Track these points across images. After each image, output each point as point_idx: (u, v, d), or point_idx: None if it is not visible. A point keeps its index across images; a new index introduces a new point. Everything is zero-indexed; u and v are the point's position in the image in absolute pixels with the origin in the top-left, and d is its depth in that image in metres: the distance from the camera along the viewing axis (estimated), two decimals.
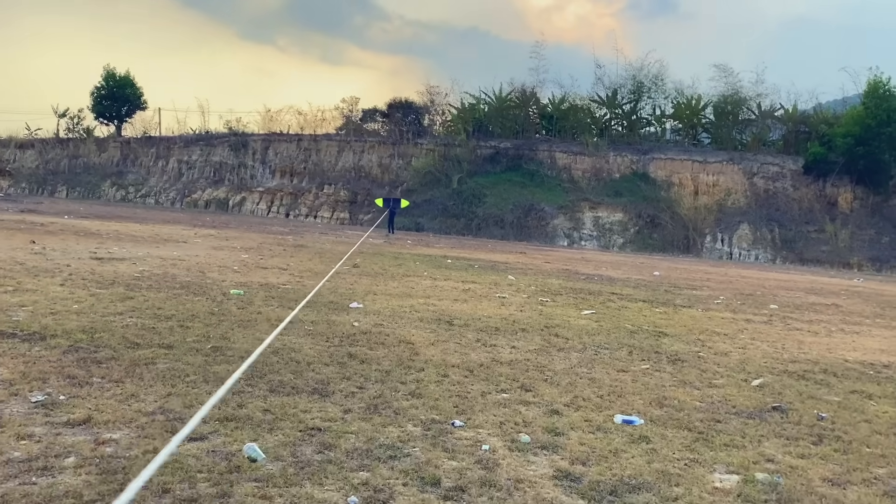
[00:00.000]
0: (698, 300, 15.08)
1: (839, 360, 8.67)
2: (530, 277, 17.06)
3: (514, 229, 45.08)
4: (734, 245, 44.66)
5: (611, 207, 46.54)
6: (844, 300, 18.57)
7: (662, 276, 21.84)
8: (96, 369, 5.24)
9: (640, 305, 12.97)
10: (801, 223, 45.86)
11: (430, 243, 30.94)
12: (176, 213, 40.96)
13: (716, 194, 47.16)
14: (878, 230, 45.41)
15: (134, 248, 15.70)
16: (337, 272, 14.47)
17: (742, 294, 17.61)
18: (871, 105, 45.28)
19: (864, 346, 10.14)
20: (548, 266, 22.00)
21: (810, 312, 14.55)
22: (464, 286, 13.75)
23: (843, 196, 46.53)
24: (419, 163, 49.93)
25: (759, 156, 49.23)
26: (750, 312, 13.47)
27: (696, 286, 19.00)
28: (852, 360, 8.75)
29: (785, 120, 52.35)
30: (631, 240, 45.23)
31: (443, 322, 9.01)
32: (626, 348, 8.21)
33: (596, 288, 15.75)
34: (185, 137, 58.63)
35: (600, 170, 49.54)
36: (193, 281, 10.90)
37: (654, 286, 17.78)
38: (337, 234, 33.23)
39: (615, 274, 21.13)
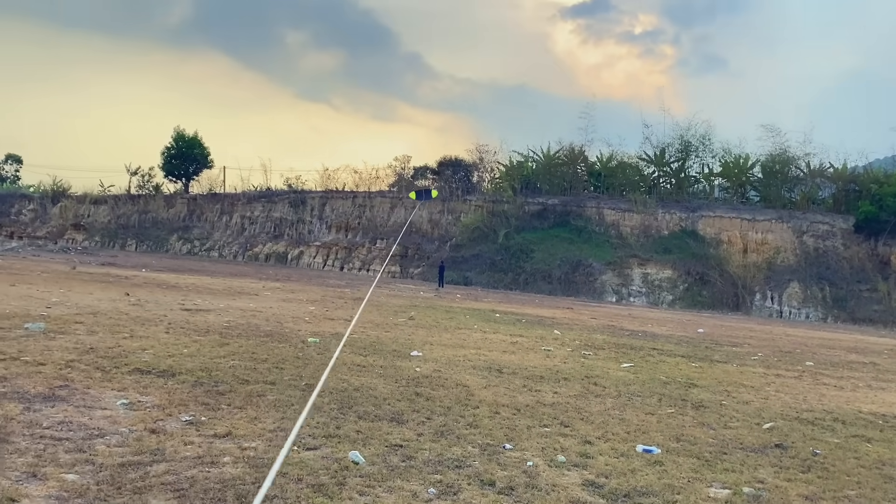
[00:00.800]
0: (736, 356, 15.93)
1: (853, 411, 9.57)
2: (575, 332, 18.15)
3: (562, 285, 46.03)
4: (784, 303, 44.69)
5: (659, 264, 47.17)
6: (885, 359, 19.06)
7: (706, 334, 22.59)
8: (222, 399, 6.65)
9: (678, 360, 13.95)
10: (853, 282, 45.66)
11: (479, 297, 32.22)
12: (240, 267, 43.23)
13: (765, 252, 47.43)
14: None
15: (214, 300, 17.40)
16: (395, 324, 15.86)
17: (781, 351, 18.32)
18: None
19: (884, 401, 10.96)
20: (593, 322, 23.00)
21: (844, 370, 15.25)
22: (512, 339, 14.95)
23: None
24: (468, 219, 51.61)
25: (809, 214, 49.44)
26: (783, 368, 14.29)
27: (737, 343, 19.76)
28: (865, 412, 9.64)
29: (835, 178, 52.54)
30: (680, 297, 45.66)
31: (493, 370, 10.24)
32: (656, 396, 9.29)
33: (638, 343, 16.74)
34: (247, 194, 61.73)
35: (649, 227, 50.36)
36: (274, 330, 12.40)
37: (695, 343, 18.64)
38: (390, 287, 34.79)
39: (659, 330, 22.00)
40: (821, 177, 53.08)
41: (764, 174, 53.30)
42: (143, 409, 6.06)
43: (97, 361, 7.93)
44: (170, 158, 63.22)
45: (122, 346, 9.17)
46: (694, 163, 55.08)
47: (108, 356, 8.34)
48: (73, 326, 10.61)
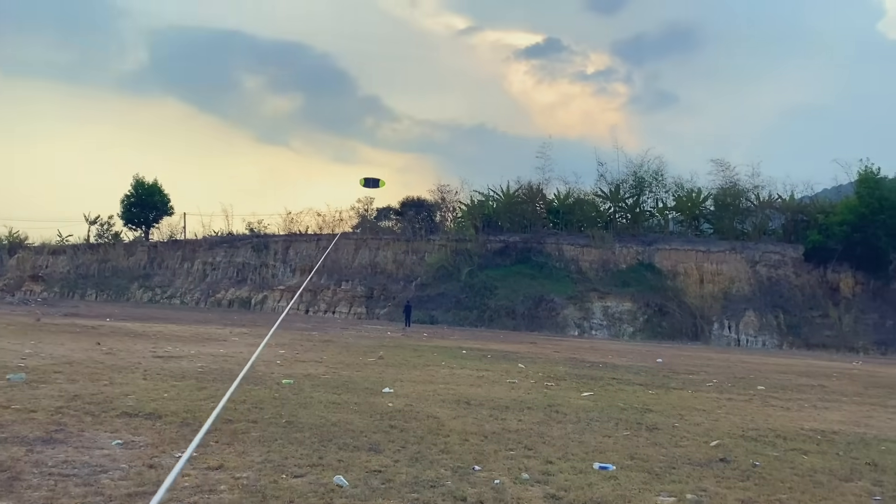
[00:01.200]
0: (692, 383, 16.73)
1: (795, 428, 10.34)
2: (539, 365, 18.81)
3: (526, 320, 46.83)
4: (741, 332, 46.06)
5: (619, 297, 48.31)
6: (832, 381, 20.06)
7: (665, 363, 23.42)
8: (210, 436, 7.09)
9: (636, 388, 14.67)
10: (805, 309, 47.32)
11: (445, 335, 32.76)
12: (203, 313, 43.11)
13: (720, 282, 48.95)
14: (881, 314, 46.73)
15: (184, 347, 17.68)
16: (366, 363, 16.34)
17: (735, 377, 19.20)
18: (863, 194, 47.56)
19: (825, 419, 11.78)
20: (556, 355, 23.71)
21: (793, 392, 16.13)
22: (478, 373, 15.54)
23: (845, 281, 48.10)
24: (432, 258, 52.32)
25: (761, 244, 51.27)
26: (735, 393, 15.11)
27: (694, 371, 20.60)
28: (807, 428, 10.42)
29: (783, 209, 54.70)
30: (640, 328, 46.74)
31: (462, 402, 10.81)
32: (613, 421, 9.95)
33: (599, 374, 17.44)
34: (209, 240, 61.69)
35: (607, 261, 51.62)
36: (248, 374, 12.78)
37: (653, 372, 19.42)
38: (357, 328, 35.13)
39: (619, 361, 22.77)
40: (770, 208, 55.22)
41: (716, 207, 55.22)
42: (137, 448, 6.50)
43: (85, 407, 8.31)
44: (129, 206, 62.98)
45: (105, 393, 9.54)
46: (648, 198, 56.89)
47: (94, 402, 8.72)
48: (52, 376, 10.91)
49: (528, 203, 57.25)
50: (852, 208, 47.37)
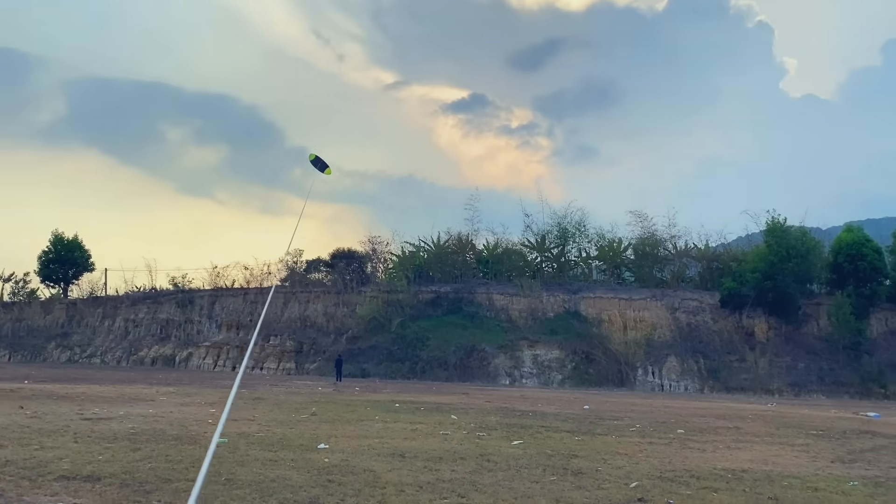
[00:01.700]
0: (616, 429, 17.43)
1: (709, 468, 11.07)
2: (471, 416, 19.22)
3: (458, 370, 47.20)
4: (664, 377, 47.61)
5: (548, 345, 49.33)
6: (747, 423, 21.14)
7: (591, 410, 24.17)
8: (151, 496, 7.25)
9: (563, 435, 15.25)
10: (724, 353, 49.36)
11: (378, 389, 32.81)
12: (126, 373, 41.82)
13: (643, 329, 50.65)
14: (793, 357, 49.18)
15: (112, 408, 17.34)
16: (299, 420, 16.41)
17: (657, 422, 20.04)
18: (772, 243, 50.45)
19: (737, 458, 12.60)
20: (488, 405, 24.16)
21: (710, 434, 17.02)
22: (412, 426, 15.84)
23: (759, 326, 50.51)
24: (363, 310, 52.34)
25: (679, 291, 53.48)
26: (656, 437, 15.86)
27: (618, 417, 21.37)
28: (720, 468, 11.17)
29: (699, 258, 57.36)
30: (569, 375, 47.75)
31: (397, 455, 11.13)
32: (542, 467, 10.46)
33: (528, 422, 17.98)
34: (131, 296, 60.04)
35: (536, 309, 52.76)
36: (181, 433, 12.77)
37: (580, 419, 20.09)
38: (287, 385, 34.77)
39: (548, 409, 23.39)
40: (687, 257, 57.80)
41: (636, 256, 57.46)
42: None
43: (20, 472, 8.29)
44: (47, 263, 60.88)
45: (38, 457, 9.46)
46: (573, 247, 58.81)
47: (27, 466, 8.68)
48: None
49: (459, 253, 58.24)
50: (763, 256, 50.13)
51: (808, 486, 9.89)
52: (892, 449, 15.30)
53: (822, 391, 45.24)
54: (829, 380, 46.48)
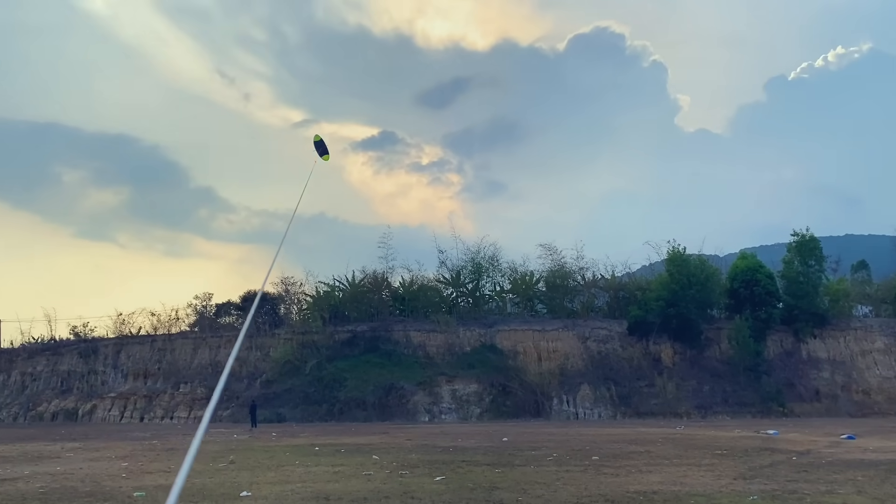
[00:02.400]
0: (534, 459, 17.89)
1: (622, 492, 11.62)
2: (393, 455, 19.28)
3: (377, 410, 46.85)
4: (578, 405, 48.74)
5: (465, 380, 49.68)
6: (658, 446, 22.07)
7: (510, 441, 24.62)
8: None
9: (484, 468, 15.57)
10: (633, 380, 51.01)
11: (295, 433, 32.25)
12: (25, 429, 39.50)
13: (556, 359, 51.80)
14: (698, 380, 51.33)
15: (15, 468, 16.48)
16: (217, 469, 16.08)
17: (573, 450, 20.66)
18: (673, 271, 52.88)
19: (649, 481, 13.24)
20: (409, 443, 24.24)
21: (623, 459, 17.71)
22: (334, 469, 15.79)
23: (665, 352, 52.54)
24: (277, 353, 51.34)
25: (590, 321, 55.09)
26: (573, 464, 16.41)
27: (536, 447, 21.88)
28: (632, 491, 11.74)
29: (607, 288, 59.36)
30: (487, 409, 48.20)
31: (321, 498, 11.15)
32: (464, 500, 10.73)
33: (450, 458, 18.21)
34: (28, 348, 56.90)
35: (452, 344, 53.13)
36: (95, 490, 12.34)
37: (500, 451, 20.47)
38: None
39: (469, 444, 23.69)
40: (595, 287, 59.69)
41: (548, 288, 58.93)
42: None
43: None
44: None
45: None
46: (487, 282, 59.74)
47: None
48: None
49: (374, 292, 58.13)
50: (665, 284, 52.41)
51: (713, 502, 10.55)
52: (789, 464, 16.37)
53: (726, 412, 47.38)
54: (732, 401, 48.75)
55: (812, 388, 49.70)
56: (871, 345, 52.39)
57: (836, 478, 13.47)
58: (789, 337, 52.53)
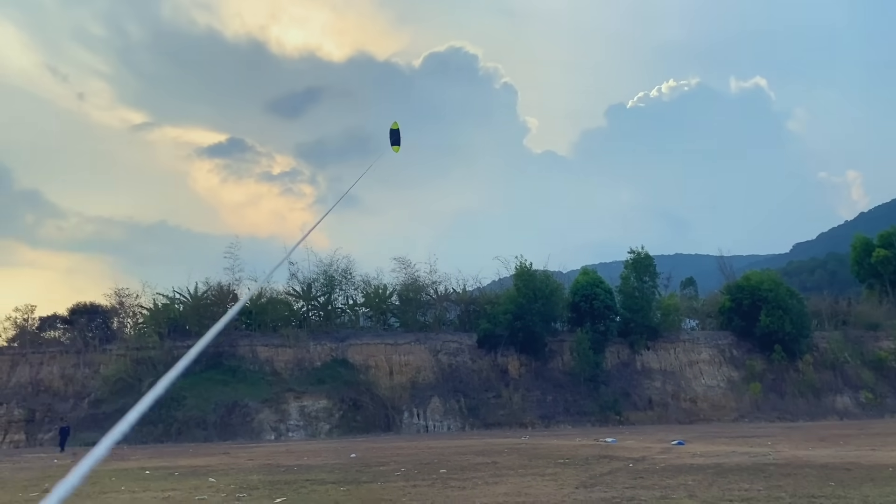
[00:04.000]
0: (382, 475, 17.44)
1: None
2: (231, 476, 18.12)
3: (218, 429, 44.53)
4: (428, 418, 48.90)
5: (315, 395, 48.42)
6: (504, 457, 22.31)
7: (358, 458, 24.01)
8: None
9: (328, 487, 14.92)
10: (482, 391, 51.95)
11: (125, 456, 29.83)
12: None
13: (408, 373, 51.76)
14: (542, 391, 53.12)
15: None
16: (27, 499, 14.33)
17: (421, 463, 20.41)
18: (521, 286, 54.55)
19: (494, 492, 13.19)
20: (250, 463, 22.99)
21: (470, 471, 17.66)
22: (164, 494, 14.52)
23: (512, 364, 53.98)
24: (108, 370, 47.63)
25: (441, 334, 55.58)
26: (420, 479, 16.11)
27: (385, 462, 21.44)
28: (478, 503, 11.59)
29: (458, 301, 60.23)
30: (337, 424, 47.18)
31: None
32: None
33: (293, 477, 17.35)
34: None
35: (302, 359, 51.67)
36: None
37: (347, 468, 19.84)
38: (14, 459, 30.41)
39: (315, 461, 22.83)
40: (447, 301, 60.41)
41: (401, 302, 58.89)
42: None
43: None
44: None
45: None
46: (339, 295, 58.75)
47: None
48: None
49: (219, 305, 55.37)
50: (513, 299, 53.96)
51: None
52: (626, 471, 16.98)
53: (568, 421, 49.30)
54: (573, 410, 50.83)
55: (645, 397, 52.84)
56: (698, 356, 56.58)
57: (670, 483, 14.06)
58: (625, 349, 55.62)
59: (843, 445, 24.14)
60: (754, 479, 14.29)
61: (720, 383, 55.29)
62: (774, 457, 19.70)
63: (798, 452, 21.38)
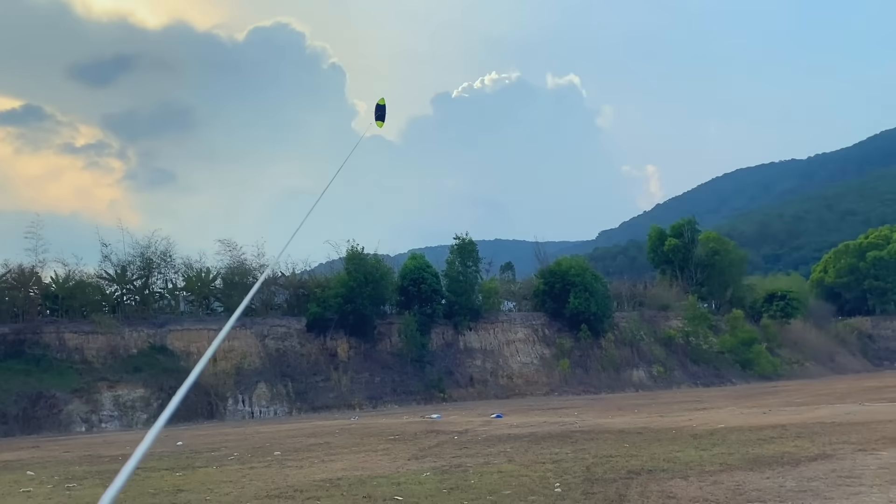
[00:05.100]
0: (215, 459, 17.55)
1: (309, 482, 12.13)
2: (51, 469, 17.36)
3: (20, 423, 41.19)
4: (254, 404, 48.30)
5: (130, 384, 46.11)
6: (336, 437, 23.04)
7: (186, 445, 23.64)
8: None
9: (163, 473, 14.88)
10: (310, 375, 52.08)
11: None
12: None
13: (233, 359, 50.64)
14: (371, 373, 54.20)
15: None
16: None
17: (254, 448, 20.64)
18: (351, 269, 55.08)
19: (332, 469, 13.95)
20: (68, 455, 21.97)
21: (305, 452, 18.23)
22: None
23: (341, 347, 54.49)
24: None
25: (269, 319, 54.82)
26: (256, 461, 16.47)
27: (215, 448, 21.40)
28: (318, 480, 12.31)
29: (287, 285, 59.56)
30: (154, 414, 45.24)
31: None
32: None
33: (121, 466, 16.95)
34: None
35: (116, 347, 48.90)
36: None
37: (177, 455, 19.63)
38: None
39: None
40: (275, 285, 59.58)
41: (225, 286, 57.23)
42: None
43: None
44: None
45: None
46: (158, 279, 55.95)
47: None
48: None
49: (19, 289, 50.85)
50: (343, 282, 54.42)
51: (392, 482, 11.55)
52: (452, 443, 18.37)
53: (394, 401, 50.84)
54: (400, 390, 52.46)
55: (467, 375, 55.67)
56: (514, 335, 60.40)
57: (491, 451, 15.54)
58: (450, 330, 58.13)
59: (637, 413, 27.37)
60: (563, 444, 16.16)
61: (534, 360, 59.45)
62: (580, 425, 22.09)
63: (600, 420, 24.05)
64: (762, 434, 16.41)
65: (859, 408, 23.64)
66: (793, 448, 13.55)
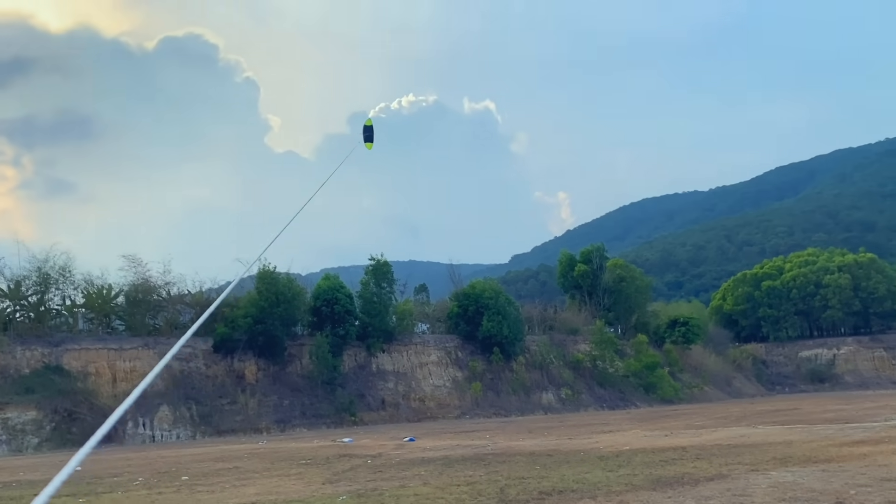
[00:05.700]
0: (119, 485, 16.90)
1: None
2: None
3: None
4: (156, 427, 46.44)
5: (21, 406, 43.53)
6: (245, 462, 22.56)
7: (86, 470, 22.53)
8: None
9: (64, 499, 14.22)
10: (216, 398, 50.56)
11: None
12: None
13: (134, 380, 48.57)
14: (280, 395, 53.12)
15: None
16: None
17: (159, 472, 19.97)
18: (262, 289, 53.99)
19: (246, 493, 13.74)
20: None
21: (214, 477, 17.81)
22: None
23: (249, 369, 53.22)
24: None
25: (173, 339, 52.91)
26: (164, 486, 15.98)
27: (117, 473, 20.56)
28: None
29: (193, 304, 57.76)
30: (48, 437, 42.91)
31: None
32: None
33: (17, 493, 16.14)
34: None
35: (7, 366, 46.15)
36: None
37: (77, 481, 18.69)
38: None
39: (35, 477, 21.13)
40: (181, 303, 57.71)
41: (128, 303, 55.03)
42: None
43: None
44: None
45: None
46: (55, 295, 53.27)
47: None
48: None
49: None
50: (254, 302, 53.28)
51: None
52: (366, 466, 18.37)
53: (304, 424, 49.98)
54: (309, 413, 51.62)
55: (379, 398, 55.39)
56: (428, 358, 60.61)
57: (406, 474, 15.66)
58: (363, 352, 57.78)
59: (547, 436, 28.07)
60: (477, 467, 16.46)
61: (446, 383, 59.77)
62: (492, 448, 22.49)
63: (511, 443, 24.54)
64: (664, 456, 17.24)
65: (753, 430, 25.12)
66: (692, 469, 14.33)
